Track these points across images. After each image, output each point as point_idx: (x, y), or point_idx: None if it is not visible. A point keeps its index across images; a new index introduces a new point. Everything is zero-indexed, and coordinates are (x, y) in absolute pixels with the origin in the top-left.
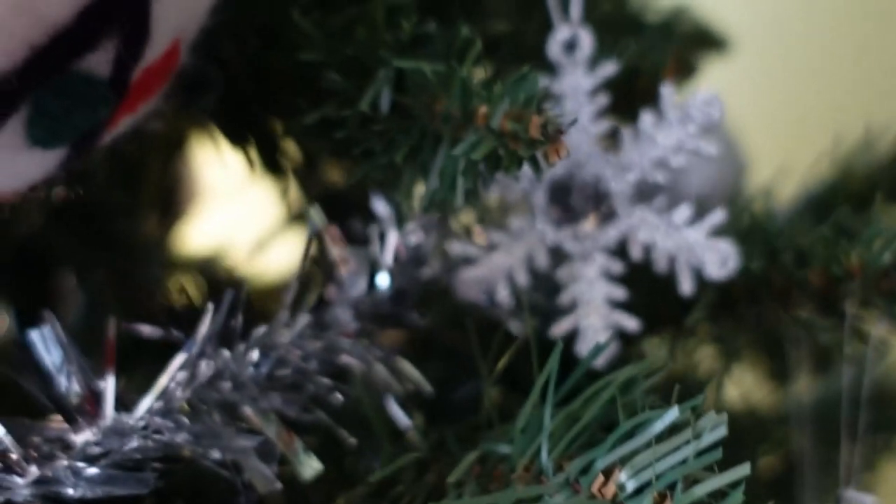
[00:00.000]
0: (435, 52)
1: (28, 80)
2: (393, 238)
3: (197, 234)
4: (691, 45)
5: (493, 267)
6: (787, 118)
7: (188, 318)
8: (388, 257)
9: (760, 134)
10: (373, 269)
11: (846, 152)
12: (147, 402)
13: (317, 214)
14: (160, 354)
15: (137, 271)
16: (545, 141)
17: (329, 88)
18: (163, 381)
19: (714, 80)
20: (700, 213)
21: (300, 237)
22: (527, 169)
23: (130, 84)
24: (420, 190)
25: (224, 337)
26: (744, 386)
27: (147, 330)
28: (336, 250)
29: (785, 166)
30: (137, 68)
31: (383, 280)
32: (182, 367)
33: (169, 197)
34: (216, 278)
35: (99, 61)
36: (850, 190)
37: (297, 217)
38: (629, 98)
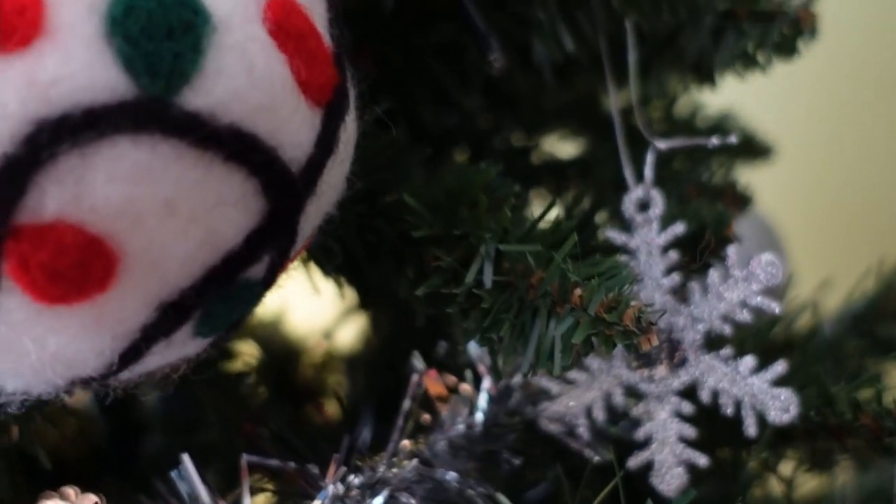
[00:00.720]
0: (533, 232)
1: (203, 294)
2: (488, 382)
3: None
4: (738, 152)
5: (573, 403)
6: (831, 232)
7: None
8: (482, 400)
9: (805, 246)
10: (469, 409)
11: (890, 269)
12: None
13: (419, 360)
14: None
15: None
16: (639, 333)
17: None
18: None
19: (759, 192)
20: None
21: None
22: None
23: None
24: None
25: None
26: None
27: (273, 463)
28: (436, 391)
29: (828, 280)
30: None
31: (478, 419)
32: None
33: None
34: (274, 346)
35: (257, 270)
36: (893, 307)
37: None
38: (696, 252)
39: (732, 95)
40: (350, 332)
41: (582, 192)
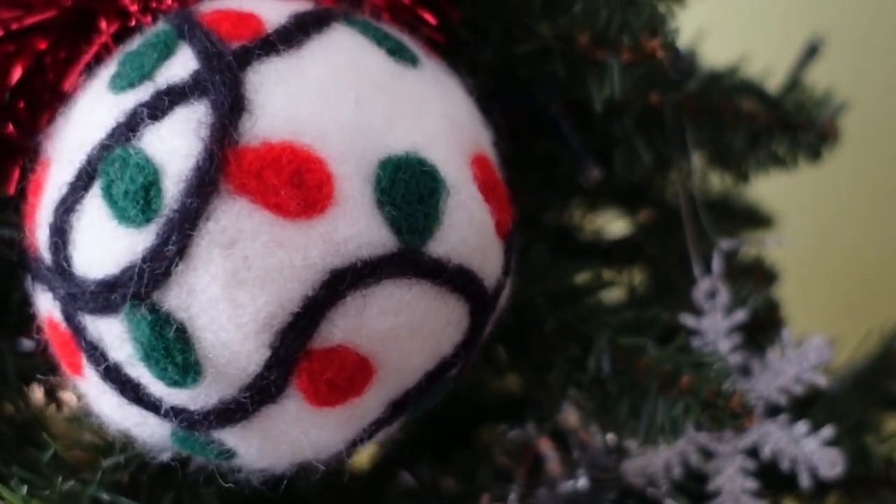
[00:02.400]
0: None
1: (421, 393)
2: (594, 445)
3: None
4: (742, 221)
5: (654, 460)
6: (836, 294)
7: None
8: (584, 460)
9: (808, 308)
10: (574, 469)
11: (890, 330)
12: None
13: (532, 429)
14: None
15: None
16: (742, 415)
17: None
18: None
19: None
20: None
21: None
22: None
23: None
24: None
25: None
26: None
27: None
28: (549, 454)
29: (836, 339)
30: None
31: (581, 477)
32: None
33: None
34: None
35: (456, 370)
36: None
37: None
38: (755, 331)
39: None
40: None
41: (650, 276)
